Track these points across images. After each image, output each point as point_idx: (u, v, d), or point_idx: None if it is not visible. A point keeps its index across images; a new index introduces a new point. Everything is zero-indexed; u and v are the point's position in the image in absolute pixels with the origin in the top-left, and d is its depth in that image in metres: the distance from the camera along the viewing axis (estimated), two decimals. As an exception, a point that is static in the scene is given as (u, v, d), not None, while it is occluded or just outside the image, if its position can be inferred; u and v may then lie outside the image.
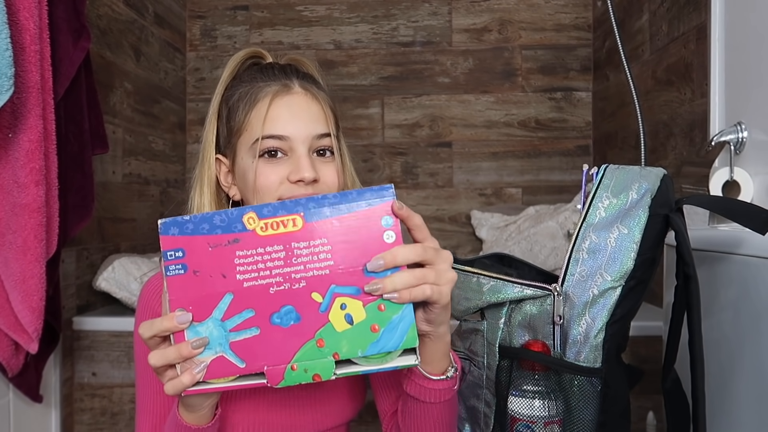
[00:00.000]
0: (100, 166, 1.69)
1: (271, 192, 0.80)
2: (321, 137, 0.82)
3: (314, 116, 0.83)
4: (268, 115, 0.81)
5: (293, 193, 0.80)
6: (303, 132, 0.81)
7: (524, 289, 0.77)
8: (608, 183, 0.76)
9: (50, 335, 1.38)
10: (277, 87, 0.83)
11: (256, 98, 0.83)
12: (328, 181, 0.82)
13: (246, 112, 0.83)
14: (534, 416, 0.73)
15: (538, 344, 0.75)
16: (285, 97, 0.82)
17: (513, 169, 2.32)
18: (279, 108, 0.81)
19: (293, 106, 0.82)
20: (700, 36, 1.41)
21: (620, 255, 0.73)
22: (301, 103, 0.83)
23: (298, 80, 0.85)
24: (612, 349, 0.74)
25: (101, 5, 1.70)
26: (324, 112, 0.84)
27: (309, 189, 0.80)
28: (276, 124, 0.81)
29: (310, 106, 0.83)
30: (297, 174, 0.79)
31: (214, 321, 0.59)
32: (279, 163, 0.81)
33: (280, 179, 0.80)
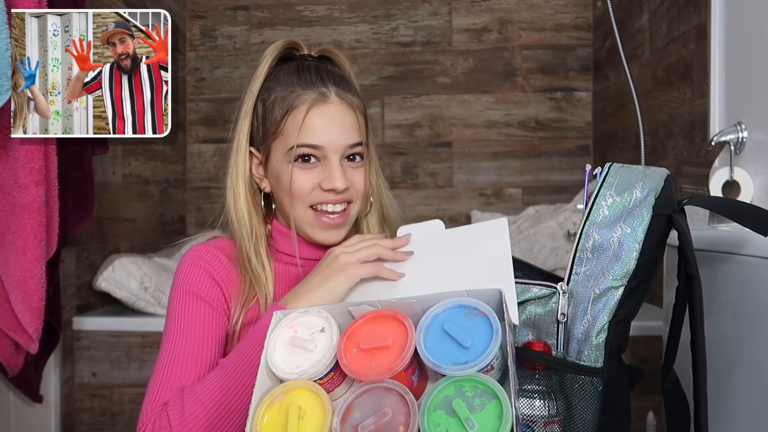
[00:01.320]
0: (100, 166, 1.69)
1: (304, 197, 0.86)
2: (353, 146, 0.87)
3: (348, 126, 0.87)
4: (304, 124, 0.85)
5: (323, 198, 0.86)
6: (337, 142, 0.85)
7: (530, 288, 0.77)
8: (612, 181, 0.76)
9: (50, 335, 1.38)
10: (314, 95, 0.86)
11: (293, 105, 0.86)
12: (357, 186, 0.88)
13: (283, 117, 0.86)
14: (534, 416, 0.73)
15: (540, 344, 0.75)
16: (321, 107, 0.86)
17: (513, 169, 2.32)
18: (315, 118, 0.85)
19: (328, 116, 0.86)
20: (700, 36, 1.41)
21: (623, 254, 0.72)
22: (336, 114, 0.86)
23: (334, 87, 0.88)
24: (614, 350, 0.74)
25: (101, 5, 1.70)
26: (357, 120, 0.88)
27: (339, 195, 0.86)
28: (312, 134, 0.85)
29: (345, 117, 0.87)
30: (329, 183, 0.85)
31: None
32: (312, 169, 0.86)
33: (312, 185, 0.85)
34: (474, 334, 0.59)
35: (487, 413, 0.54)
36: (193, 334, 0.83)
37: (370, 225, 0.96)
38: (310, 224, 0.88)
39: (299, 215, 0.88)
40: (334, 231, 0.88)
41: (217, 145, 2.38)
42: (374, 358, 0.61)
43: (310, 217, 0.87)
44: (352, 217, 0.90)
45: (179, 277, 0.86)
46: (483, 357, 0.57)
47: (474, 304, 0.62)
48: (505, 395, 0.54)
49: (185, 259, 0.88)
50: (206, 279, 0.86)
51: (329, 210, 0.87)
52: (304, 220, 0.88)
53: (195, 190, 2.39)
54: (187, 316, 0.84)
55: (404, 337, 0.61)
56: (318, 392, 0.60)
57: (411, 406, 0.56)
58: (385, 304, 0.66)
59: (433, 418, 0.55)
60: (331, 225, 0.87)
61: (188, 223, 2.39)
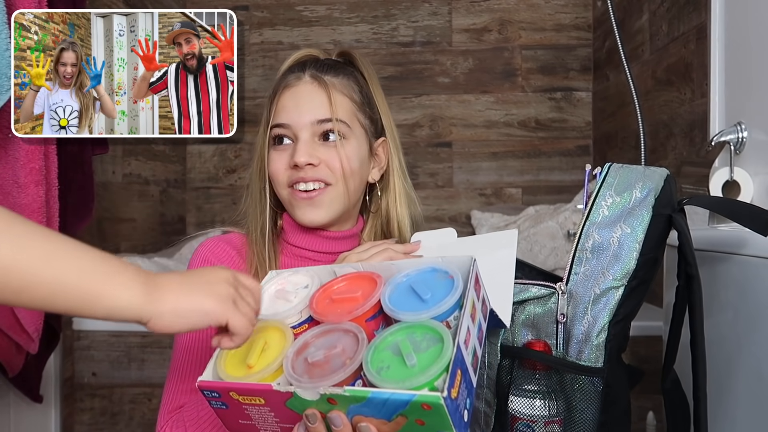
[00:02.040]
0: (100, 166, 1.69)
1: (278, 178, 0.87)
2: (322, 122, 0.86)
3: (316, 103, 0.86)
4: (276, 107, 0.87)
5: (294, 176, 0.85)
6: (303, 119, 0.86)
7: (529, 287, 0.77)
8: (612, 181, 0.76)
9: (50, 335, 1.38)
10: (290, 79, 0.88)
11: (275, 92, 0.89)
12: (331, 165, 0.86)
13: (269, 108, 0.89)
14: (534, 416, 0.73)
15: (540, 344, 0.75)
16: (292, 89, 0.87)
17: (513, 169, 2.32)
18: (285, 98, 0.87)
19: (297, 95, 0.87)
20: (700, 36, 1.41)
21: (623, 254, 0.72)
22: (304, 92, 0.87)
23: (311, 71, 0.88)
24: (614, 350, 0.74)
25: (101, 5, 1.70)
26: (329, 97, 0.86)
27: (309, 172, 0.85)
28: (281, 114, 0.86)
29: (313, 94, 0.86)
30: (293, 158, 0.84)
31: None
32: (284, 149, 0.87)
33: (284, 165, 0.86)
34: (436, 291, 0.62)
35: (430, 353, 0.56)
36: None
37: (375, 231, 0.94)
38: (292, 204, 0.87)
39: (283, 197, 0.88)
40: (310, 208, 0.86)
41: (217, 145, 2.38)
42: (341, 306, 0.65)
43: (290, 197, 0.87)
44: (333, 200, 0.87)
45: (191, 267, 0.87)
46: (437, 306, 0.60)
47: (445, 267, 0.65)
48: (449, 335, 0.56)
49: (196, 255, 0.88)
50: None
51: (301, 188, 0.85)
52: (287, 201, 0.88)
53: (195, 190, 2.39)
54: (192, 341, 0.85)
55: (373, 290, 0.65)
56: (285, 331, 0.64)
57: (361, 343, 0.58)
58: (366, 266, 0.70)
59: (379, 356, 0.57)
60: (305, 199, 0.85)
61: (188, 223, 2.39)
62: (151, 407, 1.59)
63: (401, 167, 0.94)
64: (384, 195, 0.94)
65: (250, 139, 2.69)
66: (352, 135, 0.88)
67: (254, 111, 2.36)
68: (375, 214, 0.94)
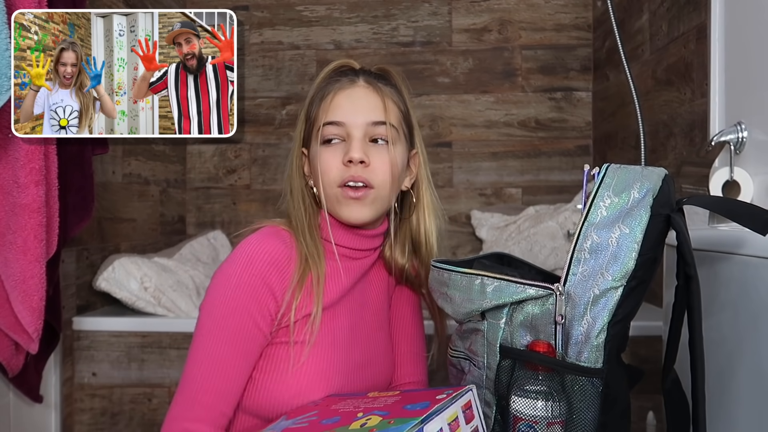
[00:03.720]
0: (100, 166, 1.69)
1: (330, 176, 0.89)
2: (376, 125, 0.90)
3: (372, 105, 0.90)
4: (330, 105, 0.90)
5: (345, 174, 0.88)
6: (359, 119, 0.89)
7: (526, 288, 0.77)
8: (610, 182, 0.76)
9: (50, 335, 1.38)
10: (344, 82, 0.92)
11: (326, 92, 0.92)
12: (376, 167, 0.89)
13: (318, 106, 0.92)
14: (537, 416, 0.73)
15: (544, 344, 0.74)
16: (347, 90, 0.91)
17: (513, 169, 2.32)
18: (340, 98, 0.91)
19: (353, 96, 0.91)
20: (700, 36, 1.41)
21: (622, 255, 0.72)
22: (360, 94, 0.91)
23: (365, 77, 0.93)
24: (613, 350, 0.74)
25: (101, 5, 1.70)
26: (384, 103, 0.91)
27: (359, 170, 0.87)
28: (335, 112, 0.90)
29: (368, 97, 0.91)
30: (347, 155, 0.87)
31: None
32: (336, 148, 0.89)
33: (336, 163, 0.88)
34: None
35: None
36: (231, 356, 0.84)
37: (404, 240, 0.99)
38: (339, 200, 0.90)
39: (330, 195, 0.90)
40: (356, 206, 0.89)
41: (217, 146, 2.38)
42: None
43: (338, 195, 0.90)
44: (375, 200, 0.90)
45: (232, 282, 0.85)
46: None
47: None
48: None
49: (240, 259, 0.87)
50: (262, 291, 0.85)
51: (350, 185, 0.89)
52: (334, 198, 0.90)
53: (195, 190, 2.39)
54: (230, 333, 0.84)
55: None
56: None
57: None
58: None
59: None
60: (352, 198, 0.89)
61: (188, 223, 2.39)
62: (151, 407, 1.59)
63: (429, 180, 1.01)
64: (416, 208, 1.00)
65: (250, 139, 2.68)
66: (398, 141, 0.93)
67: (254, 111, 2.37)
68: (405, 220, 0.99)
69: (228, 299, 0.85)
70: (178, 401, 0.86)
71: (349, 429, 0.68)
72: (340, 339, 0.92)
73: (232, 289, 0.85)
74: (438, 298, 0.87)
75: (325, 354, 0.89)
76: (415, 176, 0.99)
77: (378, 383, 0.99)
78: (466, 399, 0.73)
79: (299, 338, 0.88)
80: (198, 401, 0.84)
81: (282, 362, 0.88)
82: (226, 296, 0.85)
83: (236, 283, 0.85)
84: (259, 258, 0.86)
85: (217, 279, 0.87)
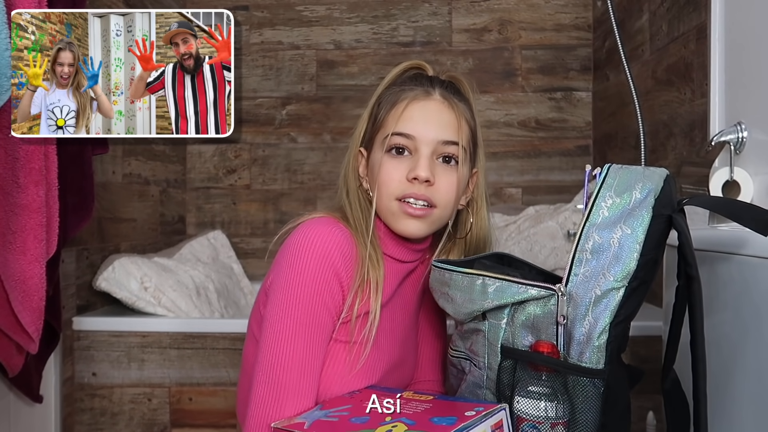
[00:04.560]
0: (100, 166, 1.69)
1: (390, 188, 0.87)
2: (447, 144, 0.87)
3: (445, 122, 0.88)
4: (402, 115, 0.87)
5: (408, 190, 0.86)
6: (430, 135, 0.86)
7: (528, 289, 0.77)
8: (612, 182, 0.76)
9: (50, 335, 1.38)
10: (419, 92, 0.89)
11: (398, 99, 0.89)
12: (441, 187, 0.87)
13: (387, 111, 0.89)
14: (540, 417, 0.73)
15: (547, 345, 0.74)
16: (422, 101, 0.88)
17: (513, 169, 2.31)
18: (413, 110, 0.88)
19: (427, 109, 0.88)
20: (700, 36, 1.40)
21: (623, 255, 0.72)
22: (434, 109, 0.88)
23: (441, 89, 0.90)
24: (614, 350, 0.74)
25: (101, 5, 1.70)
26: (457, 121, 0.88)
27: (422, 189, 0.85)
28: (407, 123, 0.87)
29: (442, 113, 0.88)
30: (413, 172, 0.85)
31: None
32: (403, 160, 0.87)
33: (400, 175, 0.86)
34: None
35: None
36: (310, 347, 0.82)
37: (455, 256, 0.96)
38: (395, 214, 0.88)
39: (386, 206, 0.88)
40: (414, 221, 0.87)
41: (217, 146, 2.38)
42: None
43: (395, 208, 0.88)
44: (435, 220, 0.89)
45: (306, 276, 0.83)
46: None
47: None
48: None
49: (311, 250, 0.83)
50: (334, 283, 0.84)
51: (411, 202, 0.87)
52: (390, 210, 0.88)
53: (195, 190, 2.39)
54: (310, 326, 0.82)
55: None
56: None
57: None
58: None
59: None
60: (412, 214, 0.87)
61: (188, 223, 2.39)
62: (151, 407, 1.59)
63: (486, 199, 0.98)
64: (475, 222, 0.97)
65: (250, 139, 2.68)
66: (465, 162, 0.90)
67: (254, 111, 2.37)
68: (457, 240, 0.97)
69: (306, 295, 0.82)
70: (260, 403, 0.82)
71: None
72: (381, 340, 0.92)
73: (308, 285, 0.82)
74: (439, 298, 0.87)
75: (370, 354, 0.89)
76: (470, 195, 0.96)
77: (404, 382, 1.00)
78: (497, 418, 0.72)
79: (356, 338, 0.87)
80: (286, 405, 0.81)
81: (332, 358, 0.86)
82: (304, 292, 0.82)
83: (311, 277, 0.82)
84: (331, 251, 0.83)
85: (290, 272, 0.84)
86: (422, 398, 0.79)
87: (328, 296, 0.83)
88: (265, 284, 0.91)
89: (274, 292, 0.84)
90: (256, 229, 2.37)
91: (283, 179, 2.37)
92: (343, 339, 0.87)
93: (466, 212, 0.96)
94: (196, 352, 1.58)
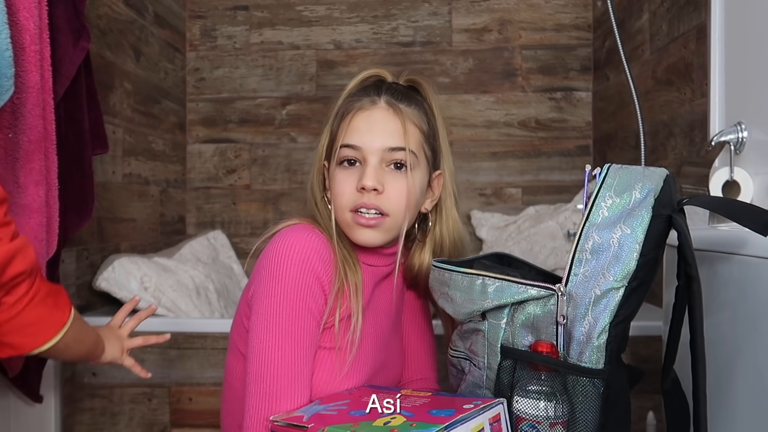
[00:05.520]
0: (100, 166, 1.69)
1: (343, 199, 0.88)
2: (394, 150, 0.88)
3: (390, 129, 0.88)
4: (349, 126, 0.89)
5: (358, 201, 0.86)
6: (375, 144, 0.87)
7: (528, 289, 0.77)
8: (611, 182, 0.76)
9: (50, 335, 1.38)
10: (365, 101, 0.90)
11: (347, 110, 0.90)
12: (391, 195, 0.87)
13: (338, 123, 0.91)
14: (539, 416, 0.73)
15: (547, 345, 0.74)
16: (367, 111, 0.89)
17: (513, 169, 2.32)
18: (359, 120, 0.88)
19: (372, 119, 0.88)
20: (700, 36, 1.41)
21: (623, 255, 0.72)
22: (379, 117, 0.88)
23: (387, 96, 0.90)
24: (614, 350, 0.74)
25: (101, 5, 1.70)
26: (403, 127, 0.88)
27: (371, 198, 0.86)
28: (353, 135, 0.88)
29: (388, 121, 0.88)
30: (360, 182, 0.86)
31: None
32: (353, 171, 0.88)
33: (350, 188, 0.87)
34: None
35: None
36: (299, 354, 0.83)
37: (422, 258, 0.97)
38: (350, 225, 0.89)
39: (341, 218, 0.89)
40: (367, 231, 0.88)
41: (216, 145, 2.38)
42: None
43: (350, 219, 0.88)
44: (389, 228, 0.89)
45: (288, 282, 0.83)
46: None
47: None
48: None
49: (292, 256, 0.84)
50: (316, 287, 0.85)
51: (362, 212, 0.87)
52: (345, 221, 0.89)
53: (195, 190, 2.39)
54: (296, 332, 0.83)
55: None
56: None
57: None
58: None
59: None
60: (364, 224, 0.87)
61: (188, 223, 2.39)
62: (151, 407, 1.59)
63: (455, 195, 0.98)
64: (438, 223, 0.97)
65: (250, 139, 2.68)
66: (418, 166, 0.90)
67: (254, 111, 2.37)
68: (427, 240, 0.97)
69: (290, 301, 0.83)
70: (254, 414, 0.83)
71: (373, 425, 0.68)
72: (363, 343, 0.92)
73: (291, 291, 0.83)
74: (439, 298, 0.87)
75: (354, 358, 0.90)
76: (436, 199, 0.96)
77: (391, 384, 1.00)
78: (494, 412, 0.73)
79: (341, 343, 0.88)
80: (280, 412, 0.81)
81: (319, 366, 0.87)
82: (287, 299, 0.83)
83: (293, 284, 0.83)
84: (310, 256, 0.84)
85: (271, 280, 0.84)
86: (421, 395, 0.80)
87: (311, 300, 0.84)
88: (247, 295, 0.92)
89: (258, 302, 0.85)
90: (256, 229, 2.37)
91: (283, 179, 2.37)
92: (328, 346, 0.88)
93: (431, 214, 0.97)
94: (196, 352, 1.57)
